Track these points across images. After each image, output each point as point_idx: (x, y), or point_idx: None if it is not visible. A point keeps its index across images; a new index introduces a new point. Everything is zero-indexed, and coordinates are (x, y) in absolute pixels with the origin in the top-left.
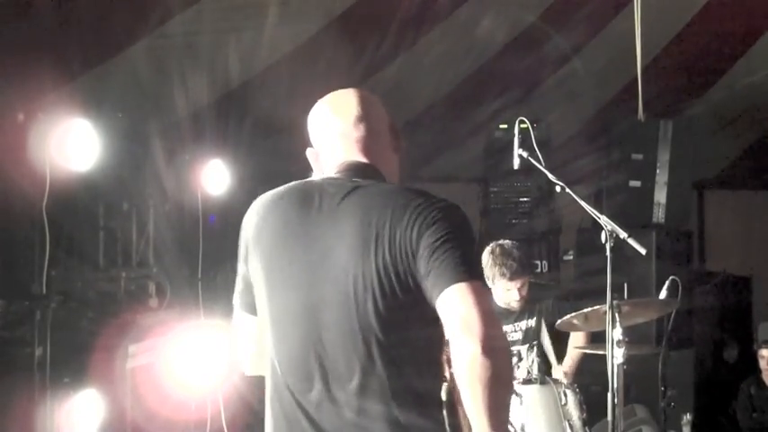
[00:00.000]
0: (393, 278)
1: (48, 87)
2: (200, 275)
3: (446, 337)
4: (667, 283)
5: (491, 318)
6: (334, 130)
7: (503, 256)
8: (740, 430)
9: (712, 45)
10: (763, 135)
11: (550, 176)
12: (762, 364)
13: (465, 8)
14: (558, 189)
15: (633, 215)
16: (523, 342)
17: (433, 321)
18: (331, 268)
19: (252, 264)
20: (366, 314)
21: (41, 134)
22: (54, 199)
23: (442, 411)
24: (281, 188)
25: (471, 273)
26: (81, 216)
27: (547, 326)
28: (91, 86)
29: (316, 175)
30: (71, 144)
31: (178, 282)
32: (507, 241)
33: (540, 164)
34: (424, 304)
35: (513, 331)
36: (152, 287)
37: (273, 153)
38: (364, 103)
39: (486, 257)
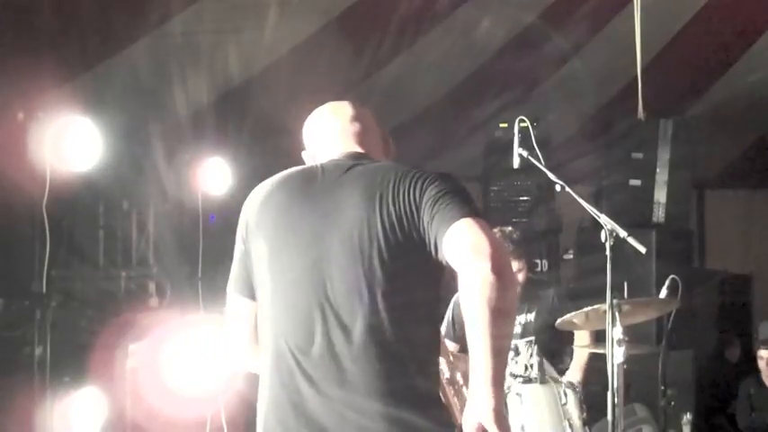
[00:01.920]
0: (397, 229)
1: (48, 86)
2: (200, 275)
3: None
4: (667, 282)
5: (498, 243)
6: (331, 129)
7: (505, 237)
8: (740, 430)
9: (712, 45)
10: (763, 135)
11: (550, 175)
12: (761, 364)
13: (465, 8)
14: (557, 188)
15: (633, 214)
16: (522, 336)
17: (434, 282)
18: (336, 224)
19: (252, 241)
20: (371, 264)
21: (41, 133)
22: (54, 199)
23: (437, 370)
24: (282, 173)
25: (473, 212)
26: (81, 216)
27: (547, 322)
28: (91, 86)
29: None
30: (71, 143)
31: (178, 281)
32: (508, 227)
33: (540, 163)
34: (427, 258)
35: None
36: (152, 287)
37: (273, 153)
38: (357, 108)
39: None
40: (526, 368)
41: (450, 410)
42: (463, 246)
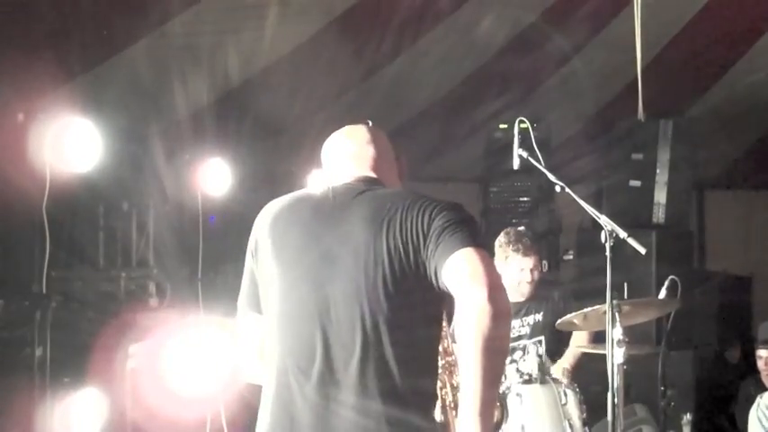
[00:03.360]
0: (402, 257)
1: (48, 87)
2: (200, 275)
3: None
4: (667, 282)
5: (496, 274)
6: (345, 152)
7: (516, 235)
8: (740, 431)
9: (712, 45)
10: (763, 135)
11: (550, 176)
12: (760, 364)
13: (465, 8)
14: (557, 189)
15: (633, 215)
16: (530, 336)
17: (436, 309)
18: (343, 249)
19: (262, 258)
20: (375, 290)
21: (41, 134)
22: (54, 199)
23: (435, 400)
24: (294, 193)
25: (477, 243)
26: (81, 216)
27: (552, 323)
28: (91, 86)
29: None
30: (71, 144)
31: (178, 282)
32: (520, 227)
33: (540, 164)
34: (430, 288)
35: (521, 326)
36: (152, 287)
37: (273, 153)
38: (374, 133)
39: (501, 239)
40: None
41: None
42: (461, 274)
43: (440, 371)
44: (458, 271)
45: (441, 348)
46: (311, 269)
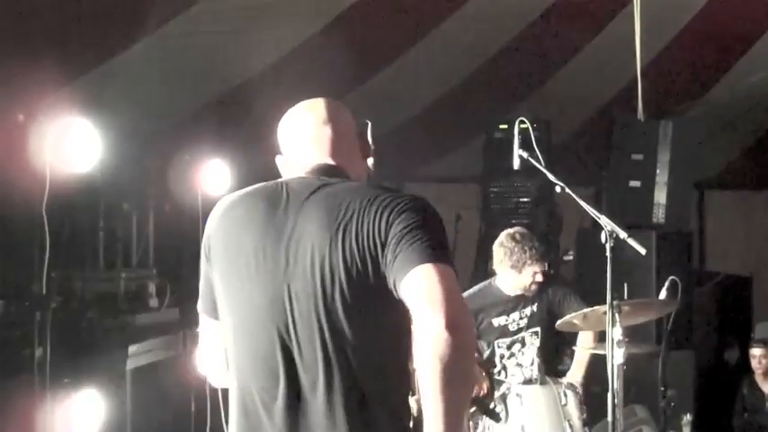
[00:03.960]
0: (360, 269)
1: (48, 87)
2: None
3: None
4: (667, 283)
5: (456, 295)
6: (302, 134)
7: (527, 240)
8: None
9: (712, 45)
10: (763, 135)
11: (550, 176)
12: (753, 363)
13: (465, 8)
14: (557, 189)
15: (633, 215)
16: (528, 327)
17: (401, 318)
18: (298, 262)
19: (214, 261)
20: (334, 306)
21: (41, 134)
22: (54, 199)
23: (409, 416)
24: (248, 188)
25: (438, 256)
26: (81, 217)
27: (551, 314)
28: (91, 87)
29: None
30: (71, 145)
31: (178, 282)
32: (519, 228)
33: (540, 164)
34: (391, 297)
35: (520, 318)
36: (152, 287)
37: (273, 153)
38: (331, 108)
39: (510, 245)
40: (533, 361)
41: None
42: (417, 297)
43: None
44: (414, 293)
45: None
46: (263, 284)
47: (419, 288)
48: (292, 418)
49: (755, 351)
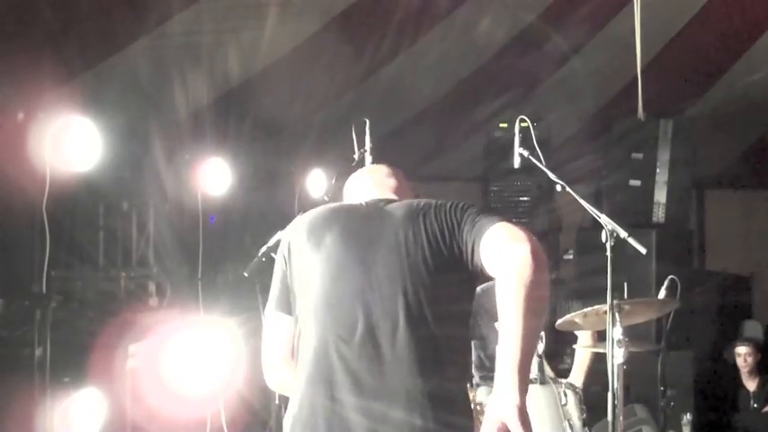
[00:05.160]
0: (440, 239)
1: (48, 86)
2: (200, 275)
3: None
4: (667, 282)
5: (534, 237)
6: (368, 182)
7: None
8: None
9: (712, 45)
10: (762, 135)
11: (551, 175)
12: (739, 361)
13: (464, 8)
14: (558, 188)
15: (633, 214)
16: None
17: (469, 294)
18: (383, 237)
19: (295, 257)
20: (416, 266)
21: (41, 133)
22: (54, 199)
23: (470, 377)
24: (326, 205)
25: (509, 220)
26: (81, 216)
27: (547, 322)
28: (91, 86)
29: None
30: (71, 143)
31: (178, 281)
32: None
33: (541, 163)
34: (465, 269)
35: None
36: (152, 287)
37: (273, 153)
38: (394, 169)
39: None
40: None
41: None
42: (501, 239)
43: None
44: (498, 237)
45: None
46: (355, 256)
47: (503, 233)
48: (365, 361)
49: (741, 349)
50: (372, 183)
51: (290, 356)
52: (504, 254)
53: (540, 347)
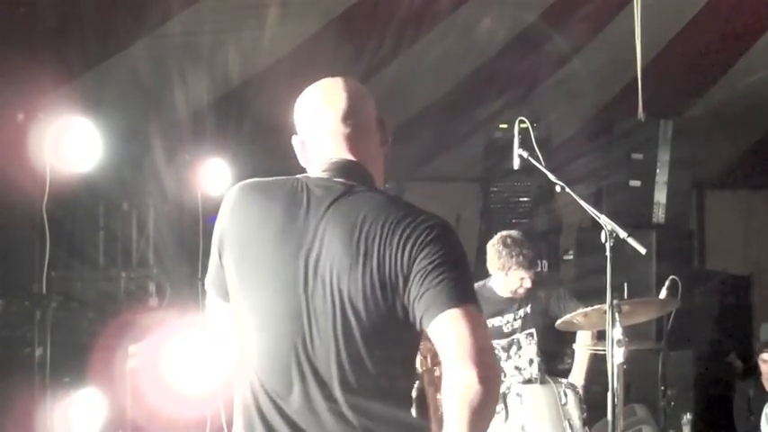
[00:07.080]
0: (380, 296)
1: (48, 87)
2: (199, 275)
3: (423, 340)
4: (667, 282)
5: (487, 345)
6: (322, 125)
7: (517, 245)
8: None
9: (712, 45)
10: (763, 135)
11: (550, 176)
12: (763, 368)
13: (465, 8)
14: (558, 189)
15: (633, 215)
16: (522, 328)
17: (414, 337)
18: (317, 279)
19: (227, 255)
20: (350, 329)
21: (41, 134)
22: (54, 199)
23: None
24: (266, 180)
25: (466, 297)
26: (81, 216)
27: (546, 322)
28: (91, 86)
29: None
30: (71, 144)
31: (178, 281)
32: (513, 231)
33: (540, 163)
34: (410, 327)
35: (514, 320)
36: (152, 287)
37: (273, 153)
38: (353, 95)
39: (499, 248)
40: (531, 362)
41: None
42: (450, 344)
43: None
44: (444, 343)
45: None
46: (285, 292)
47: (449, 338)
48: (305, 420)
49: (766, 356)
50: (328, 129)
51: (230, 341)
52: (450, 375)
53: (534, 342)
